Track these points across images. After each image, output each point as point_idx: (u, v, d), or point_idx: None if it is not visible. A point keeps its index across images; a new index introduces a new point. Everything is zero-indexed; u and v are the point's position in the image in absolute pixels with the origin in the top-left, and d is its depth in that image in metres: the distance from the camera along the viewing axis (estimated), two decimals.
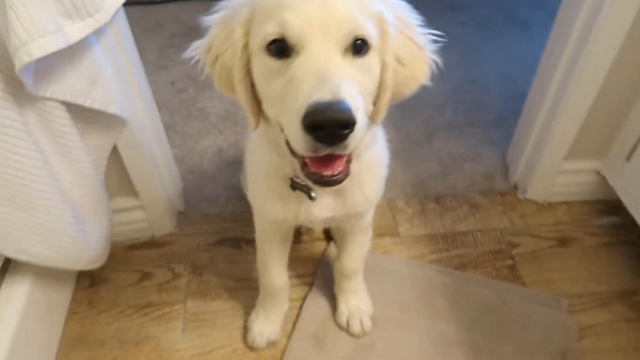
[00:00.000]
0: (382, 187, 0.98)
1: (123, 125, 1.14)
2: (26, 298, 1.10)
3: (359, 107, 0.62)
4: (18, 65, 0.83)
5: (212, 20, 0.76)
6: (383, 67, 0.72)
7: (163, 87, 2.01)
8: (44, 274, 1.16)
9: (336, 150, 0.63)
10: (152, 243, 1.42)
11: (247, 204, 1.03)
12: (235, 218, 1.48)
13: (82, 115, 1.07)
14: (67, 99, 0.98)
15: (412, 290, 1.27)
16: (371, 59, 0.69)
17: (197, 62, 0.79)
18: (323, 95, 0.59)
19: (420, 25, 0.77)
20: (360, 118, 0.62)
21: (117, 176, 1.28)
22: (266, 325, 1.17)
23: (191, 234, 1.44)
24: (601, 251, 1.37)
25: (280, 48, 0.66)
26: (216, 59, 0.75)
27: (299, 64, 0.64)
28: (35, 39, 0.83)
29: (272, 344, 1.18)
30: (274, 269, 1.12)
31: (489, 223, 1.45)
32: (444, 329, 1.19)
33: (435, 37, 0.78)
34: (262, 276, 1.14)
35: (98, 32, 1.01)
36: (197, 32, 2.32)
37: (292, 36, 0.64)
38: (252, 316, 1.20)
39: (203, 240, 1.42)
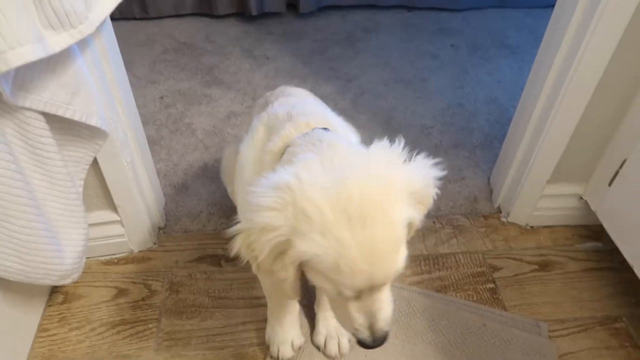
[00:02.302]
0: None
1: (104, 138, 1.13)
2: None
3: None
4: None
5: (252, 229, 0.70)
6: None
7: (151, 102, 2.01)
8: (15, 288, 1.13)
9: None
10: (129, 259, 1.40)
11: (229, 221, 1.02)
12: (217, 235, 1.46)
13: (61, 126, 1.06)
14: (47, 109, 0.97)
15: (392, 312, 1.25)
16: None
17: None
18: (376, 338, 0.76)
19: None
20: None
21: (97, 189, 1.27)
22: (287, 332, 1.16)
23: (170, 250, 1.42)
24: (583, 276, 1.37)
25: None
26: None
27: (353, 307, 0.74)
28: (14, 48, 0.82)
29: (299, 348, 1.17)
30: None
31: (472, 245, 1.44)
32: (422, 352, 1.17)
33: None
34: (272, 297, 1.13)
35: (82, 43, 1.00)
36: (189, 47, 2.34)
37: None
38: (268, 329, 1.19)
39: (182, 257, 1.40)
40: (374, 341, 0.76)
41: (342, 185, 0.65)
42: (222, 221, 1.48)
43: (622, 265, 1.33)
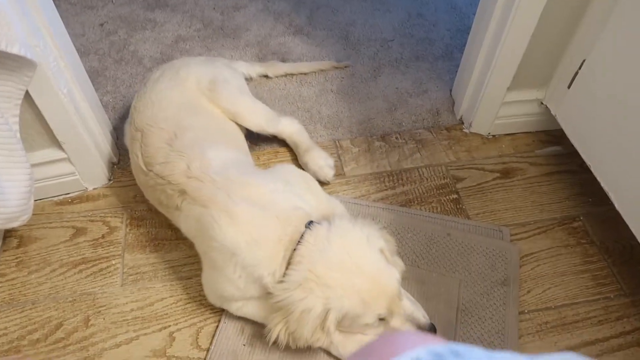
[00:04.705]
0: None
1: (32, 68, 1.02)
2: None
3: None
4: None
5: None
6: None
7: (91, 29, 1.85)
8: None
9: None
10: (84, 197, 1.34)
11: None
12: None
13: None
14: None
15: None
16: None
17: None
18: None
19: None
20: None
21: (37, 126, 1.18)
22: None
23: (127, 185, 1.36)
24: (543, 181, 1.39)
25: None
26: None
27: (397, 323, 0.99)
28: None
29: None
30: None
31: (435, 158, 1.44)
32: None
33: None
34: None
35: None
36: None
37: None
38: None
39: (140, 191, 1.33)
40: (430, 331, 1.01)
41: (336, 257, 0.94)
42: None
43: (581, 167, 1.35)
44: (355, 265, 0.94)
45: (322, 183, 1.35)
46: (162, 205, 1.14)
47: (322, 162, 1.36)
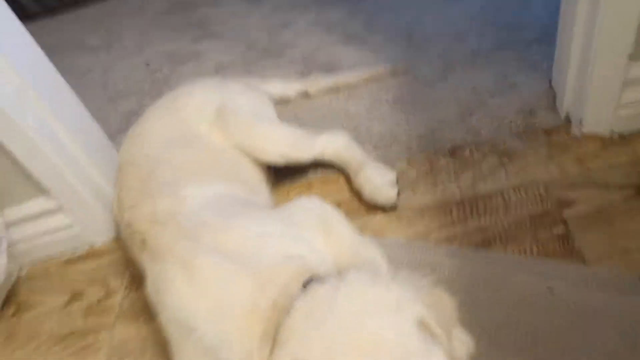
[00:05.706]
0: None
1: None
2: None
3: None
4: None
5: None
6: None
7: (136, 70, 1.75)
8: None
9: None
10: (91, 254, 1.16)
11: None
12: None
13: None
14: None
15: None
16: None
17: None
18: None
19: None
20: None
21: (17, 173, 1.02)
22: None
23: None
24: None
25: None
26: None
27: None
28: None
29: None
30: None
31: (528, 176, 1.00)
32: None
33: None
34: None
35: None
36: (183, 5, 1.95)
37: None
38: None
39: None
40: None
41: (341, 336, 0.58)
42: None
43: None
44: (370, 347, 0.58)
45: (387, 210, 1.02)
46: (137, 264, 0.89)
47: (379, 179, 1.03)
